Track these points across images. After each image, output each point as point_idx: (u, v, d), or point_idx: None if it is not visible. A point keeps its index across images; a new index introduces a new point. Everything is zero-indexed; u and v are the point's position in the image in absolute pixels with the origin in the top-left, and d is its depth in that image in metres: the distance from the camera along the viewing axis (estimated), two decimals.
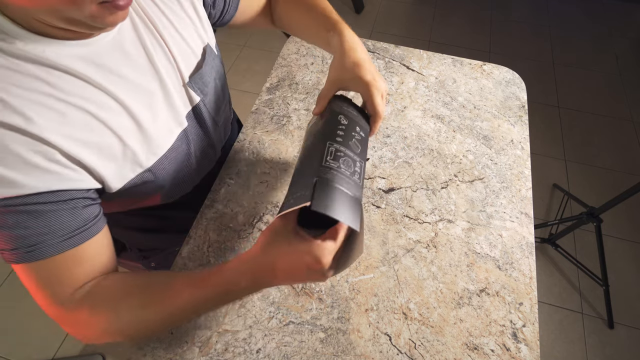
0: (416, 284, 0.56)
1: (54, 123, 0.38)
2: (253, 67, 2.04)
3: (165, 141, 0.51)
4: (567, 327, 1.32)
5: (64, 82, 0.39)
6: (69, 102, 0.40)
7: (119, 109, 0.44)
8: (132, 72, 0.45)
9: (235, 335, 0.52)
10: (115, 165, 0.45)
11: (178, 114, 0.52)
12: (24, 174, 0.37)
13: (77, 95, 0.40)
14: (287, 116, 0.75)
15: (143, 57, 0.46)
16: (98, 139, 0.42)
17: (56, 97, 0.39)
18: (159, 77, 0.49)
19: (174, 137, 0.52)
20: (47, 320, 0.86)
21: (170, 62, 0.50)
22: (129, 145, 0.45)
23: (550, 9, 2.39)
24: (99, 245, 0.45)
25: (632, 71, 2.07)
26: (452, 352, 0.51)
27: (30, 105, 0.37)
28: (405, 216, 0.63)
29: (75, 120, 0.40)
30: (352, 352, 0.51)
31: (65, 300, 0.44)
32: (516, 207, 0.64)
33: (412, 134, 0.73)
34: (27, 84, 0.37)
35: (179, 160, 0.55)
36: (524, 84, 0.82)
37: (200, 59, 0.55)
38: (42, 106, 0.38)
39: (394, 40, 2.16)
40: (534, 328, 0.53)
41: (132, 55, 0.45)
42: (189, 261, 0.58)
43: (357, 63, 0.51)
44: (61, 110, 0.39)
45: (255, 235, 0.61)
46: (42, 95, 0.38)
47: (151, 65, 0.47)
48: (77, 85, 0.40)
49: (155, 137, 0.48)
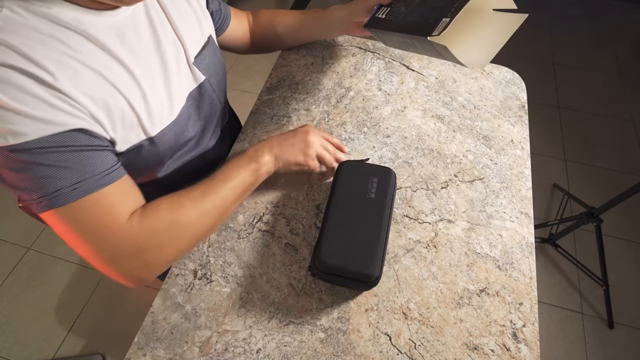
0: (416, 284, 0.56)
1: (71, 79, 0.41)
2: (253, 67, 2.04)
3: (169, 114, 0.54)
4: (567, 327, 1.32)
5: (80, 45, 0.42)
6: (84, 62, 0.42)
7: (127, 77, 0.47)
8: (142, 48, 0.49)
9: (235, 335, 0.52)
10: (122, 128, 0.47)
11: (182, 91, 0.56)
12: (55, 115, 0.40)
13: (91, 59, 0.43)
14: (287, 116, 0.75)
15: (152, 37, 0.50)
16: (108, 99, 0.45)
17: (73, 57, 0.41)
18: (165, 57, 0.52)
19: (176, 111, 0.55)
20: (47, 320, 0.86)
21: (176, 43, 0.54)
22: (136, 110, 0.48)
23: (550, 9, 2.39)
24: (130, 184, 0.48)
25: (632, 71, 2.07)
26: (452, 352, 0.51)
27: (51, 62, 0.39)
28: (405, 216, 0.63)
29: (88, 79, 0.43)
30: (352, 352, 0.51)
31: (122, 229, 0.45)
32: (516, 207, 0.64)
33: (412, 134, 0.73)
34: (49, 43, 0.40)
35: (181, 133, 0.58)
36: (524, 84, 0.82)
37: (204, 43, 0.60)
38: (61, 63, 0.40)
39: None
40: (534, 328, 0.53)
41: (142, 33, 0.49)
42: (188, 261, 0.58)
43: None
44: (77, 69, 0.42)
45: (255, 235, 0.61)
46: (60, 54, 0.40)
47: (158, 47, 0.51)
48: (93, 50, 0.43)
49: (159, 109, 0.52)
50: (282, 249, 0.59)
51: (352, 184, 0.57)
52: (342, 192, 0.56)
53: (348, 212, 0.54)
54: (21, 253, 1.43)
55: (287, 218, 0.62)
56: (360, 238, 0.52)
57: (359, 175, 0.58)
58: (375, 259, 0.50)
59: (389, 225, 0.55)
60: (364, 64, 0.84)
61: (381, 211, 0.54)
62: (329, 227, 0.53)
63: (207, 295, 0.55)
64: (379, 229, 0.53)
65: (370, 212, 0.54)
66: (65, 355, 1.24)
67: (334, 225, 0.53)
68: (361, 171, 0.58)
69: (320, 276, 0.53)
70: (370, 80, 0.81)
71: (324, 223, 0.54)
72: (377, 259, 0.50)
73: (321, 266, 0.51)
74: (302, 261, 0.58)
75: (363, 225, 0.53)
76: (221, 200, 0.52)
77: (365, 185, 0.57)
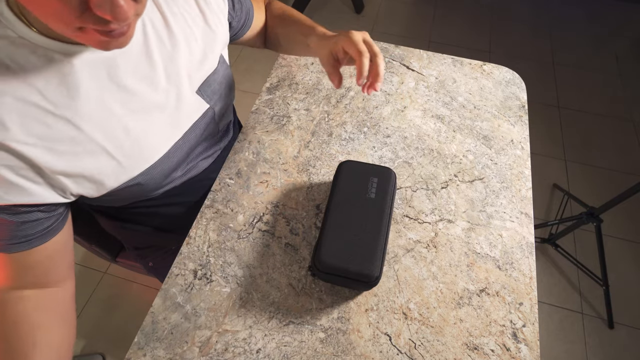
0: (416, 284, 0.56)
1: (36, 136, 0.38)
2: (253, 67, 2.04)
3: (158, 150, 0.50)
4: (567, 327, 1.32)
5: (58, 91, 0.39)
6: (58, 115, 0.39)
7: (113, 121, 0.43)
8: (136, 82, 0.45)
9: (235, 335, 0.52)
10: (88, 181, 0.44)
11: (180, 123, 0.52)
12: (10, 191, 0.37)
13: (67, 108, 0.40)
14: (287, 116, 0.75)
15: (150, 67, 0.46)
16: (82, 154, 0.41)
17: (46, 109, 0.38)
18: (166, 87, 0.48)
19: (169, 145, 0.51)
20: None
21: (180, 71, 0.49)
22: (117, 159, 0.45)
23: (550, 9, 2.39)
24: (37, 258, 0.44)
25: (632, 71, 2.07)
26: (452, 352, 0.51)
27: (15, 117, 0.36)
28: (405, 216, 0.63)
29: (60, 133, 0.39)
30: (352, 352, 0.51)
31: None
32: (516, 207, 0.64)
33: (412, 134, 0.73)
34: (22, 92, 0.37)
35: (171, 167, 0.54)
36: (524, 84, 0.82)
37: (212, 67, 0.55)
38: (30, 118, 0.37)
39: (394, 40, 2.16)
40: (534, 328, 0.53)
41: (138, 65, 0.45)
42: (188, 261, 0.58)
43: (332, 34, 0.59)
44: (48, 123, 0.38)
45: (255, 235, 0.61)
46: (33, 107, 0.37)
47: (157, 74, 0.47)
48: (72, 94, 0.39)
49: (147, 147, 0.48)
50: (282, 249, 0.59)
51: (352, 184, 0.57)
52: (342, 192, 0.56)
53: (348, 212, 0.54)
54: None
55: (287, 218, 0.62)
56: (360, 238, 0.52)
57: (359, 175, 0.58)
58: (375, 259, 0.50)
59: (389, 225, 0.55)
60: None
61: (381, 211, 0.54)
62: (329, 227, 0.53)
63: (207, 295, 0.55)
64: (379, 229, 0.53)
65: (370, 212, 0.54)
66: None
67: (334, 225, 0.53)
68: (361, 171, 0.58)
69: (320, 276, 0.53)
70: None
71: (324, 223, 0.54)
72: (377, 259, 0.51)
73: (321, 266, 0.51)
74: (302, 261, 0.58)
75: (363, 225, 0.53)
76: None
77: (365, 185, 0.57)
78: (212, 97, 0.56)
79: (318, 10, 2.31)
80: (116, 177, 0.46)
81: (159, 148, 0.50)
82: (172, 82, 0.49)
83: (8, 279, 0.43)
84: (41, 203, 0.41)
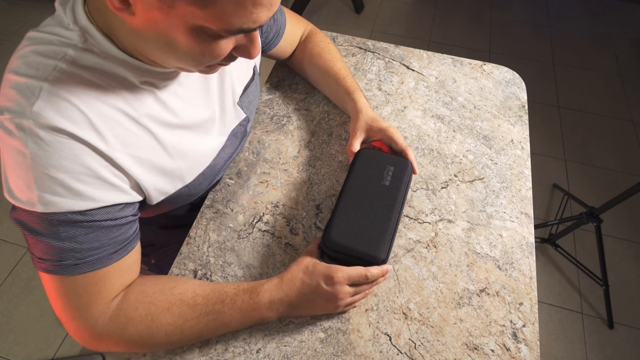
0: (416, 284, 0.56)
1: (122, 143, 0.41)
2: None
3: (207, 159, 0.55)
4: (567, 327, 1.32)
5: (139, 100, 0.43)
6: (139, 121, 0.43)
7: (179, 130, 0.48)
8: (195, 96, 0.50)
9: (235, 335, 0.52)
10: (162, 181, 0.48)
11: (224, 132, 0.57)
12: (93, 190, 0.39)
13: (146, 115, 0.44)
14: (287, 116, 0.75)
15: (205, 84, 0.52)
16: (154, 157, 0.45)
17: (130, 115, 0.41)
18: (216, 102, 0.54)
19: (214, 154, 0.56)
20: (47, 320, 0.86)
21: (226, 82, 0.55)
22: (179, 164, 0.49)
23: (550, 9, 2.39)
24: (135, 258, 0.48)
25: (632, 71, 2.07)
26: (452, 352, 0.51)
27: (107, 124, 0.39)
28: (405, 216, 0.63)
29: (139, 139, 0.43)
30: (352, 352, 0.51)
31: (96, 315, 0.44)
32: (516, 207, 0.64)
33: (412, 134, 0.73)
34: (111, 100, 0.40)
35: (212, 174, 0.59)
36: (524, 84, 0.82)
37: (250, 78, 0.60)
38: (118, 124, 0.40)
39: (394, 40, 2.16)
40: (534, 328, 0.53)
41: (196, 81, 0.50)
42: (188, 261, 0.58)
43: (374, 118, 0.64)
44: (131, 129, 0.42)
45: (255, 235, 0.61)
46: (119, 112, 0.40)
47: (210, 91, 0.53)
48: (149, 103, 0.44)
49: (200, 156, 0.53)
50: (282, 249, 0.59)
51: (368, 170, 0.58)
52: (357, 177, 0.57)
53: (361, 196, 0.55)
54: (21, 253, 1.43)
55: (287, 218, 0.62)
56: (370, 221, 0.52)
57: (376, 162, 0.59)
58: (383, 243, 0.51)
59: (400, 213, 0.55)
60: (364, 63, 0.84)
61: (394, 198, 0.55)
62: (341, 209, 0.54)
63: None
64: (389, 215, 0.53)
65: (383, 198, 0.55)
66: (65, 355, 1.24)
67: (347, 207, 0.54)
68: (379, 159, 0.59)
69: (330, 254, 0.53)
70: (370, 80, 0.81)
71: (337, 204, 0.55)
72: (385, 243, 0.51)
73: (330, 244, 0.51)
74: None
75: (375, 210, 0.54)
76: (201, 330, 0.48)
77: (381, 172, 0.57)
78: (248, 107, 0.61)
79: (318, 10, 2.31)
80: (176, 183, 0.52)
81: (208, 157, 0.55)
82: (219, 96, 0.55)
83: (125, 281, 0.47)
84: (136, 201, 0.45)
